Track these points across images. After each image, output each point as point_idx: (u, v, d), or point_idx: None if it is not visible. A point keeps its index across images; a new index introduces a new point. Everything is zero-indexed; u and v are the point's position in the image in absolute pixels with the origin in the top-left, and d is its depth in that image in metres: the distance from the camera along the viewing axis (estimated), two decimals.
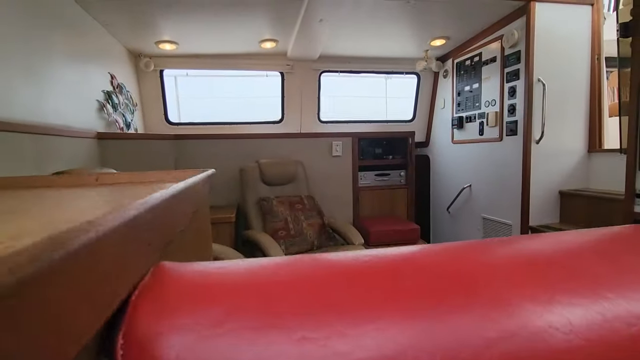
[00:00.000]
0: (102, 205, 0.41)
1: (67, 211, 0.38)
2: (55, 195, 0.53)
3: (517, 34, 2.71)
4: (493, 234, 3.08)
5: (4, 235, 0.23)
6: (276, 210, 2.56)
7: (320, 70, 3.61)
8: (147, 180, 0.71)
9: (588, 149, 2.79)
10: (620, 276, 0.29)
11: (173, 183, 0.67)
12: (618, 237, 0.40)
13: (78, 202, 0.44)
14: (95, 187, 0.67)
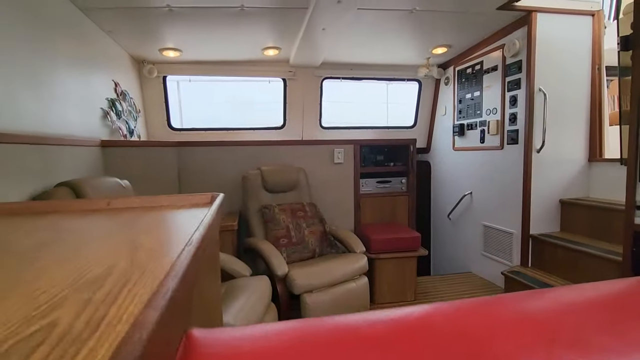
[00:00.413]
0: (123, 251, 0.41)
1: (93, 267, 0.37)
2: (70, 228, 0.54)
3: (519, 43, 2.72)
4: (494, 242, 3.09)
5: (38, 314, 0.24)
6: (278, 218, 2.57)
7: (322, 76, 3.63)
8: (158, 205, 0.72)
9: (588, 158, 2.81)
10: (626, 349, 0.30)
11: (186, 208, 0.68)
12: (623, 296, 0.41)
13: (98, 247, 0.44)
14: (107, 212, 0.68)
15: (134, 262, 0.27)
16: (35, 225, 0.56)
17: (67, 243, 0.46)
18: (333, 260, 2.34)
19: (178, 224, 0.59)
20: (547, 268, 2.61)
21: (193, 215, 0.62)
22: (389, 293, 2.75)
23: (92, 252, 0.40)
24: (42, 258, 0.39)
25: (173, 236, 0.42)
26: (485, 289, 2.97)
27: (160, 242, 0.42)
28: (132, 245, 0.41)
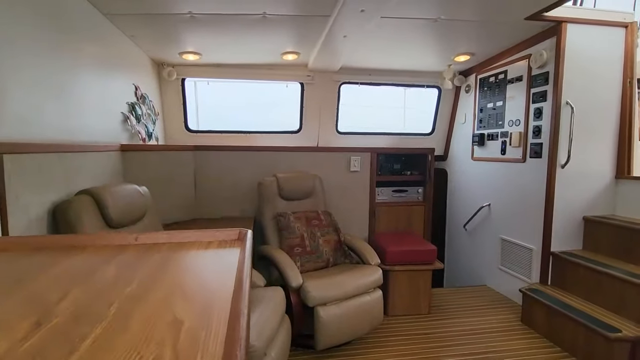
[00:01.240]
0: (164, 333, 0.38)
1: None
2: (102, 279, 0.52)
3: (546, 54, 2.63)
4: (512, 256, 3.02)
5: None
6: (293, 226, 2.55)
7: (340, 81, 3.59)
8: (185, 241, 0.71)
9: (615, 175, 2.71)
10: None
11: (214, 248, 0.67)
12: None
13: (138, 322, 0.41)
14: (135, 249, 0.67)
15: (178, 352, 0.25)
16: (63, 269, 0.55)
17: (102, 303, 0.44)
18: (348, 272, 2.31)
19: (214, 277, 0.56)
20: (567, 287, 2.53)
21: (226, 262, 0.59)
22: (403, 306, 2.71)
23: (136, 326, 0.38)
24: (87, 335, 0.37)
25: (215, 305, 0.40)
26: (502, 304, 2.91)
27: (200, 312, 0.40)
28: (174, 322, 0.38)
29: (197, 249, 0.66)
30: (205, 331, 0.32)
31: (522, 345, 2.32)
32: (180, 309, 0.39)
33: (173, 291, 0.47)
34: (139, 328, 0.35)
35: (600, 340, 2.00)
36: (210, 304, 0.39)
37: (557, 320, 2.31)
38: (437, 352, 2.25)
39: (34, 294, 0.46)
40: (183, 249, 0.66)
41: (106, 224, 1.67)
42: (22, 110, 1.39)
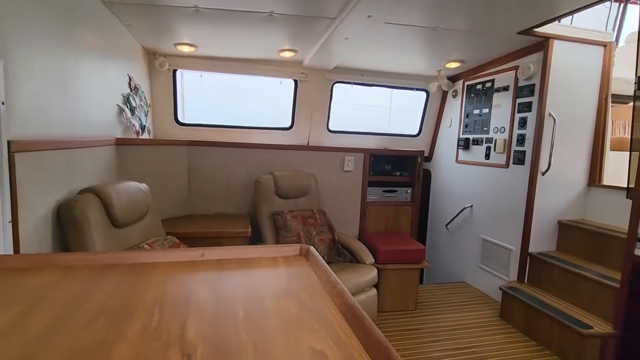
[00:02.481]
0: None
1: None
2: (201, 306, 0.53)
3: (533, 67, 2.79)
4: (492, 255, 3.21)
5: None
6: (290, 225, 2.58)
7: (333, 80, 3.61)
8: (250, 257, 0.73)
9: (588, 183, 2.94)
10: None
11: (281, 266, 0.69)
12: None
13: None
14: (204, 263, 0.68)
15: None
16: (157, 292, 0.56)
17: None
18: (344, 271, 2.38)
19: (312, 299, 0.56)
20: (543, 286, 2.74)
21: (308, 279, 0.62)
22: (392, 302, 2.83)
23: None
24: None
25: (339, 333, 0.42)
26: (482, 301, 3.10)
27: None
28: (316, 355, 0.40)
29: (268, 266, 0.68)
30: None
31: (501, 339, 2.50)
32: (309, 338, 0.42)
33: (284, 317, 0.49)
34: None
35: (573, 336, 2.20)
36: (334, 331, 0.42)
37: (533, 316, 2.50)
38: (425, 347, 2.38)
39: (156, 319, 0.47)
40: (253, 266, 0.68)
41: (111, 224, 1.62)
42: (32, 104, 1.32)
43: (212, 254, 0.71)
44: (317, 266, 0.61)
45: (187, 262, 0.68)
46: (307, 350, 0.38)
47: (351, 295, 0.47)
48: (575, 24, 2.74)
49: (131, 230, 1.74)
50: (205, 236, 2.28)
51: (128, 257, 0.67)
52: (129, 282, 0.58)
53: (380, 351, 0.33)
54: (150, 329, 0.44)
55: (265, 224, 2.62)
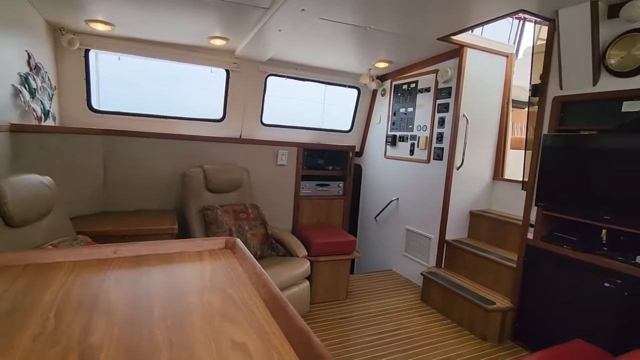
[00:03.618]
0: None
1: None
2: (113, 308, 0.49)
3: (450, 72, 3.07)
4: (415, 244, 3.47)
5: None
6: (221, 220, 2.49)
7: (267, 72, 3.55)
8: (173, 252, 0.68)
9: (493, 177, 3.34)
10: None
11: (209, 260, 0.67)
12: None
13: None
14: (118, 261, 0.62)
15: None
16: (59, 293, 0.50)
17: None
18: (277, 265, 2.37)
19: (237, 291, 0.55)
20: (457, 269, 3.05)
21: (236, 273, 0.60)
22: (325, 293, 2.90)
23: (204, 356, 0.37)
24: None
25: (262, 323, 0.41)
26: (406, 286, 3.34)
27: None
28: (236, 347, 0.38)
29: (192, 260, 0.65)
30: (276, 353, 0.35)
31: (422, 320, 2.73)
32: (232, 331, 0.40)
33: (207, 312, 0.47)
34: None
35: (480, 312, 2.50)
36: (257, 322, 0.42)
37: (448, 297, 2.78)
38: (355, 333, 2.49)
39: (52, 323, 0.41)
40: (175, 261, 0.64)
41: (4, 223, 1.40)
42: None
43: (127, 250, 0.65)
44: (243, 258, 0.60)
45: (96, 260, 0.61)
46: (228, 343, 0.37)
47: (275, 285, 0.47)
48: (485, 36, 3.07)
49: (32, 229, 1.52)
50: (124, 234, 2.08)
51: (20, 258, 0.58)
52: (22, 285, 0.50)
53: (301, 338, 0.33)
54: (44, 335, 0.38)
55: (194, 219, 2.49)
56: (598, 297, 1.99)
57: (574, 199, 2.11)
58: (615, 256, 1.95)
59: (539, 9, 2.13)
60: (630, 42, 1.84)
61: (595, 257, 2.02)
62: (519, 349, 2.41)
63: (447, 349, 2.37)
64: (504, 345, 2.44)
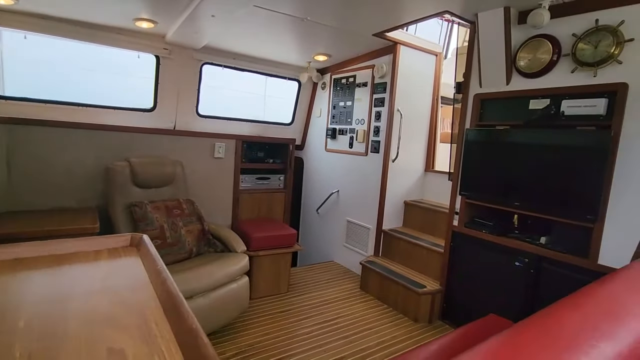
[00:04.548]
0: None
1: None
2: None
3: (385, 67, 3.19)
4: (354, 235, 3.58)
5: None
6: (151, 217, 2.32)
7: (202, 61, 3.38)
8: (66, 252, 0.61)
9: (425, 169, 3.56)
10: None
11: (107, 259, 0.61)
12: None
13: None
14: (13, 268, 0.54)
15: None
16: None
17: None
18: (214, 261, 2.29)
19: (130, 293, 0.52)
20: (392, 257, 3.21)
21: (134, 273, 0.55)
22: (266, 287, 2.88)
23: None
24: None
25: (151, 326, 0.38)
26: (347, 276, 3.44)
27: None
28: (112, 354, 0.35)
29: (86, 261, 0.59)
30: (159, 357, 0.33)
31: (361, 307, 2.84)
32: (112, 338, 0.37)
33: (89, 317, 0.43)
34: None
35: (412, 295, 2.66)
36: (146, 324, 0.39)
37: (385, 284, 2.91)
38: (296, 325, 2.51)
39: None
40: (65, 263, 0.58)
41: None
42: None
43: (4, 253, 0.57)
44: (147, 256, 0.56)
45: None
46: (103, 351, 0.34)
47: (173, 283, 0.44)
48: (418, 35, 3.23)
49: None
50: (33, 236, 1.85)
51: None
52: None
53: (190, 337, 0.31)
54: None
55: (120, 217, 2.30)
56: (510, 275, 2.22)
57: (491, 188, 2.33)
58: (523, 238, 2.19)
59: (461, 11, 2.28)
60: (535, 46, 2.06)
61: (507, 240, 2.25)
62: (446, 327, 2.61)
63: (383, 333, 2.49)
64: (433, 325, 2.63)
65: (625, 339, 0.52)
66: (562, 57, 1.98)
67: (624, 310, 0.62)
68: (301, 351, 2.21)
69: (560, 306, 0.63)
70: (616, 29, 1.76)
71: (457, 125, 2.72)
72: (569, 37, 1.94)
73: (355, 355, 2.22)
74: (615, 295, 0.69)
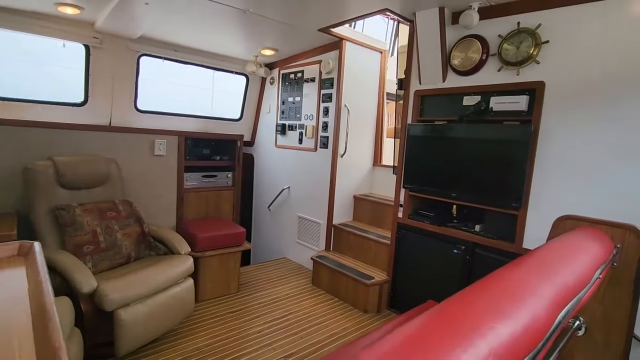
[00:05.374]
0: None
1: None
2: None
3: (332, 63, 3.21)
4: (306, 230, 3.59)
5: None
6: (80, 221, 2.14)
7: (140, 52, 3.17)
8: None
9: (373, 163, 3.65)
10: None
11: None
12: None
13: None
14: None
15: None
16: None
17: None
18: (154, 265, 2.16)
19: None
20: (343, 251, 3.26)
21: (11, 287, 0.49)
22: (214, 288, 2.79)
23: None
24: None
25: (14, 347, 0.33)
26: (299, 272, 3.44)
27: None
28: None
29: None
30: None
31: (312, 302, 2.85)
32: None
33: None
34: None
35: (361, 287, 2.72)
36: (9, 346, 0.34)
37: (335, 277, 2.95)
38: (246, 325, 2.46)
39: None
40: None
41: None
42: None
43: None
44: (33, 266, 0.50)
45: None
46: None
47: (51, 295, 0.39)
48: (366, 33, 3.29)
49: None
50: None
51: None
52: None
53: (49, 356, 0.27)
54: None
55: (43, 222, 2.08)
56: (449, 262, 2.36)
57: (432, 180, 2.44)
58: (460, 227, 2.33)
59: (400, 9, 2.35)
60: (467, 45, 2.18)
61: (447, 229, 2.38)
62: (393, 316, 2.71)
63: (334, 326, 2.52)
64: (381, 314, 2.72)
65: (521, 319, 0.55)
66: (490, 57, 2.12)
67: (526, 291, 0.67)
68: (251, 351, 2.18)
69: (469, 291, 0.66)
70: (534, 31, 1.91)
71: (400, 120, 2.82)
72: (496, 37, 2.08)
73: (306, 350, 2.23)
74: (520, 277, 0.75)
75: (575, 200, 1.83)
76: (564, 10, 1.85)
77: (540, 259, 0.85)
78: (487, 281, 0.72)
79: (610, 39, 1.72)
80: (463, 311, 0.57)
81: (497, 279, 0.73)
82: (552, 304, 0.65)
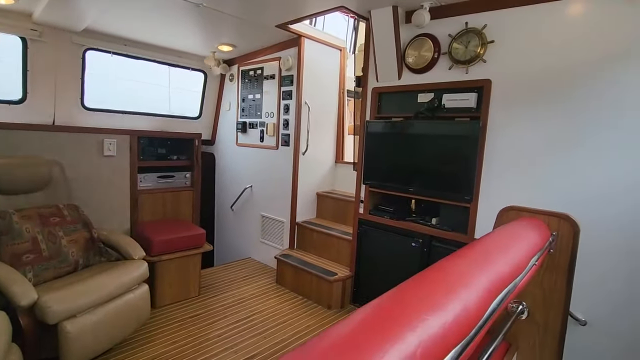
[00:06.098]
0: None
1: None
2: None
3: (291, 60, 3.18)
4: (269, 229, 3.55)
5: None
6: (18, 228, 1.97)
7: (85, 46, 2.97)
8: None
9: (335, 160, 3.67)
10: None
11: None
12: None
13: None
14: None
15: None
16: None
17: None
18: (105, 272, 2.04)
19: None
20: (307, 248, 3.26)
21: None
22: (173, 293, 2.68)
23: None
24: None
25: None
26: (263, 272, 3.39)
27: None
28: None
29: None
30: None
31: (277, 302, 2.83)
32: None
33: None
34: None
35: (325, 284, 2.73)
36: None
37: (299, 275, 2.95)
38: (208, 329, 2.39)
39: None
40: None
41: None
42: None
43: None
44: None
45: None
46: None
47: None
48: (327, 31, 3.29)
49: None
50: None
51: None
52: None
53: None
54: None
55: None
56: (408, 255, 2.42)
57: (390, 176, 2.49)
58: (418, 220, 2.40)
59: (356, 7, 2.37)
60: (419, 44, 2.25)
61: (405, 223, 2.45)
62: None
63: (298, 324, 2.51)
64: (345, 310, 2.75)
65: (453, 310, 0.57)
66: (442, 55, 2.19)
67: (462, 281, 0.70)
68: (213, 355, 2.12)
69: (408, 284, 0.67)
70: (481, 31, 2.00)
71: (357, 117, 2.85)
72: (447, 37, 2.15)
73: (269, 349, 2.20)
74: (457, 268, 0.77)
75: (518, 191, 1.94)
76: (506, 12, 1.95)
77: (480, 248, 0.89)
78: (427, 273, 0.73)
79: (546, 39, 1.84)
80: (399, 305, 0.58)
81: (436, 271, 0.75)
82: (485, 291, 0.67)
